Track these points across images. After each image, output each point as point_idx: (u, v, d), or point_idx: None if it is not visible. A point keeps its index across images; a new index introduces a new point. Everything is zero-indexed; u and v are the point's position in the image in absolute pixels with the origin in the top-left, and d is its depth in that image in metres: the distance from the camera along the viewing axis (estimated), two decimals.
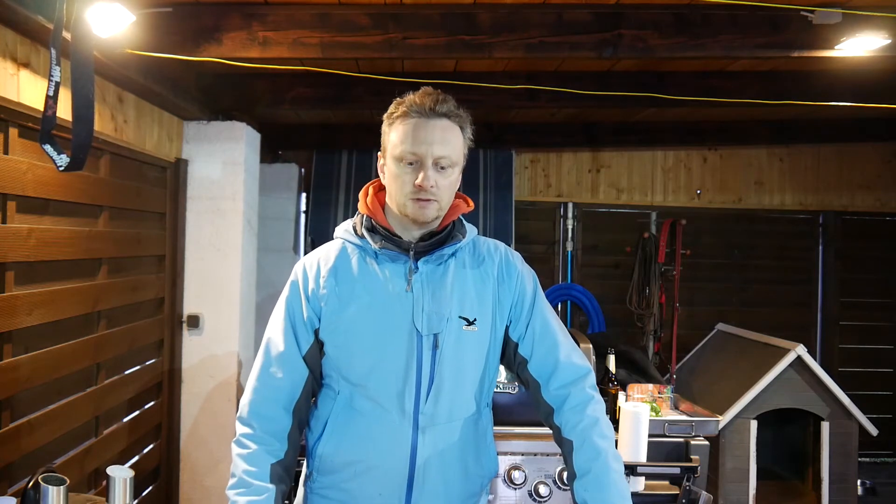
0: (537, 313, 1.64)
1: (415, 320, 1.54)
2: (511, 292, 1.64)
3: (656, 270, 4.61)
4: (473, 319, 1.58)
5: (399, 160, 1.52)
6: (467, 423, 1.62)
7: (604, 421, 1.56)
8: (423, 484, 1.56)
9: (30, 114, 2.15)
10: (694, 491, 2.29)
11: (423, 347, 1.54)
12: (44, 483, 1.65)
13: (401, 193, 1.53)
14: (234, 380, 3.50)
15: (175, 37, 2.56)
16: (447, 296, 1.57)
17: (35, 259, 2.24)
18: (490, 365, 1.65)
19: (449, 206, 1.60)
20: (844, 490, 3.75)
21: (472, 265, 1.63)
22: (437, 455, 1.57)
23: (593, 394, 1.59)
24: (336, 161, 5.21)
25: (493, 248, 1.68)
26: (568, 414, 1.57)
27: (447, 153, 1.51)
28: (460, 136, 1.56)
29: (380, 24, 2.59)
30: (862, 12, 2.49)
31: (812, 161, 5.54)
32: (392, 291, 1.55)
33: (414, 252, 1.57)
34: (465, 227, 1.66)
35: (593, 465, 1.50)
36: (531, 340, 1.63)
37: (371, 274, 1.58)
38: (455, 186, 1.59)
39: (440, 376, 1.55)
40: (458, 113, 1.55)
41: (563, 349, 1.61)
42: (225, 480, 1.52)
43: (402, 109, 1.53)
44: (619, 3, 2.60)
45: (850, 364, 5.51)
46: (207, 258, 3.52)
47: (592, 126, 4.97)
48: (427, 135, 1.50)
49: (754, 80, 3.54)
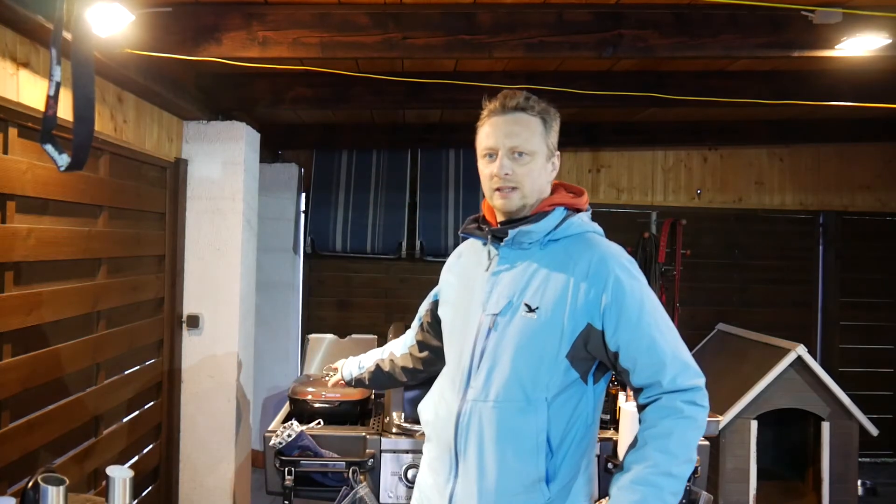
0: (643, 327, 1.54)
1: (483, 301, 1.65)
2: (597, 293, 1.55)
3: (656, 270, 4.61)
4: (535, 307, 1.58)
5: (482, 156, 1.67)
6: (511, 411, 1.57)
7: (679, 437, 1.48)
8: (465, 459, 1.61)
9: (29, 114, 2.14)
10: (694, 491, 2.28)
11: (482, 326, 1.63)
12: (43, 483, 1.65)
13: (487, 187, 1.66)
14: (233, 380, 3.50)
15: (175, 36, 2.56)
16: (519, 281, 1.62)
17: (35, 259, 2.23)
18: (552, 358, 1.57)
19: (535, 194, 1.64)
20: (845, 490, 3.76)
21: (560, 257, 1.61)
22: (475, 431, 1.60)
23: (684, 407, 1.50)
24: (336, 161, 5.22)
25: (594, 246, 1.63)
26: (648, 414, 1.53)
27: (519, 142, 1.60)
28: (537, 125, 1.63)
29: (380, 24, 2.59)
30: (862, 12, 2.48)
31: (812, 161, 5.54)
32: (475, 274, 1.71)
33: (492, 236, 1.67)
34: (561, 219, 1.64)
35: (635, 466, 1.48)
36: (633, 355, 1.54)
37: (469, 260, 1.79)
38: (540, 176, 1.64)
39: (487, 355, 1.61)
40: (533, 105, 1.63)
41: (670, 371, 1.52)
42: (225, 480, 1.53)
43: (482, 114, 1.68)
44: (619, 3, 2.60)
45: (850, 364, 5.51)
46: (207, 258, 3.52)
47: (592, 126, 4.97)
48: (501, 128, 1.62)
49: (754, 80, 3.53)
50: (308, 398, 2.56)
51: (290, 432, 2.45)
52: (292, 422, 2.48)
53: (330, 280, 5.42)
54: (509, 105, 1.62)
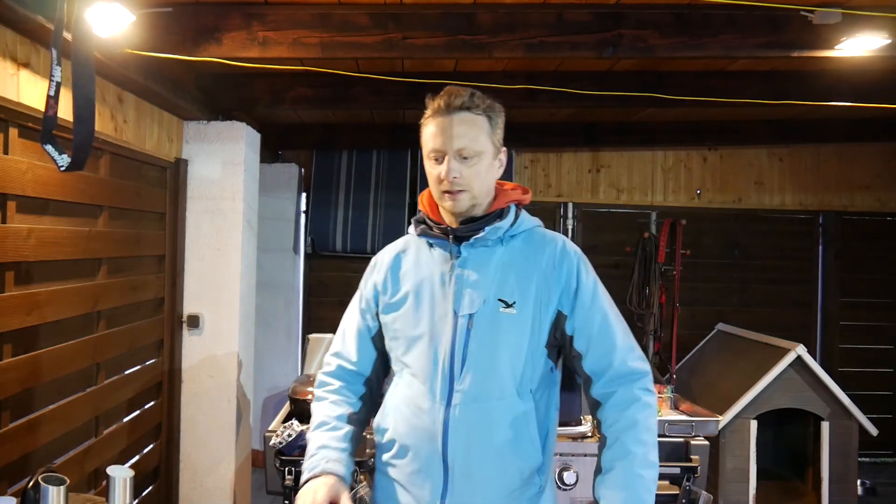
0: (596, 311, 1.62)
1: (454, 302, 1.61)
2: (560, 283, 1.63)
3: (656, 270, 4.61)
4: (512, 302, 1.60)
5: (428, 158, 1.63)
6: (502, 408, 1.59)
7: (644, 425, 1.53)
8: (455, 466, 1.58)
9: (30, 114, 2.15)
10: (694, 491, 2.29)
11: (459, 327, 1.60)
12: (44, 483, 1.65)
13: (435, 188, 1.64)
14: (233, 380, 3.50)
15: (175, 37, 2.56)
16: (489, 279, 1.61)
17: (35, 259, 2.24)
18: (532, 350, 1.62)
19: (485, 194, 1.64)
20: (844, 490, 3.76)
21: (522, 251, 1.65)
22: (467, 434, 1.58)
23: (641, 395, 1.57)
24: (336, 161, 5.22)
25: (550, 239, 1.70)
26: (609, 411, 1.57)
27: (465, 143, 1.58)
28: (483, 123, 1.61)
29: (380, 24, 2.59)
30: (862, 12, 2.49)
31: (812, 161, 5.54)
32: (437, 276, 1.65)
33: (454, 237, 1.64)
34: (516, 216, 1.68)
35: (617, 464, 1.50)
36: (587, 337, 1.61)
37: (422, 261, 1.70)
38: (488, 175, 1.63)
39: (472, 356, 1.59)
40: (476, 103, 1.60)
41: (620, 353, 1.59)
42: (225, 480, 1.53)
43: (427, 113, 1.64)
44: (619, 3, 2.60)
45: (850, 364, 5.51)
46: (207, 258, 3.52)
47: (592, 126, 4.97)
48: (447, 130, 1.59)
49: (754, 80, 3.54)
50: (308, 398, 2.56)
51: (290, 432, 2.45)
52: (292, 422, 2.49)
53: (330, 280, 5.42)
54: (455, 104, 1.59)
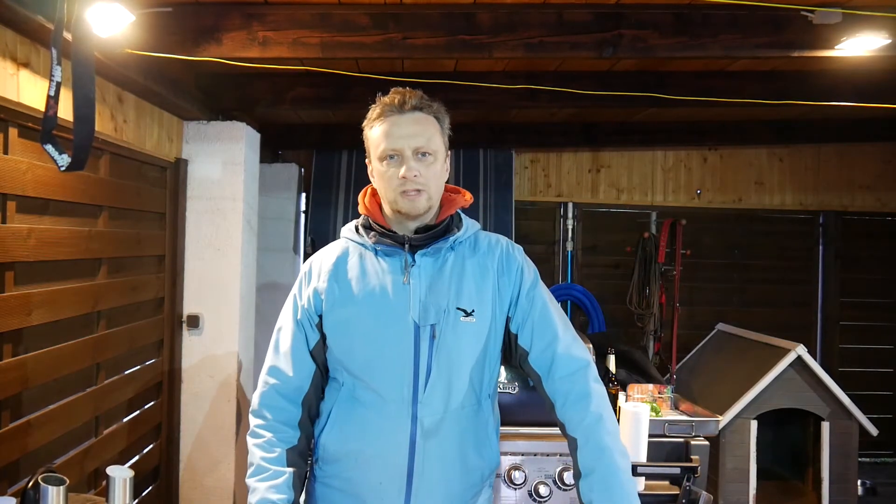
0: (537, 305, 1.64)
1: (412, 312, 1.57)
2: (511, 284, 1.65)
3: (656, 270, 4.61)
4: (471, 311, 1.59)
5: (382, 158, 1.60)
6: (467, 414, 1.62)
7: (608, 416, 1.54)
8: (423, 474, 1.57)
9: (30, 114, 2.14)
10: (694, 491, 2.29)
11: (421, 338, 1.57)
12: (44, 483, 1.65)
13: (389, 189, 1.59)
14: (233, 380, 3.50)
15: (175, 37, 2.56)
16: (445, 287, 1.59)
17: (35, 259, 2.23)
18: (490, 356, 1.65)
19: (439, 196, 1.64)
20: (844, 490, 3.75)
21: (471, 258, 1.65)
22: (436, 445, 1.58)
23: (595, 386, 1.58)
24: (336, 161, 5.22)
25: (495, 242, 1.70)
26: (570, 410, 1.56)
27: (423, 142, 1.58)
28: (436, 125, 1.62)
29: (380, 24, 2.59)
30: (862, 12, 2.49)
31: (812, 161, 5.54)
32: (390, 285, 1.60)
33: (410, 245, 1.61)
34: (463, 221, 1.69)
35: (597, 464, 1.49)
36: (530, 332, 1.63)
37: (370, 269, 1.63)
38: (441, 177, 1.63)
39: (438, 367, 1.57)
40: (430, 104, 1.62)
41: (562, 342, 1.61)
42: (225, 480, 1.53)
43: (376, 112, 1.63)
44: (619, 3, 2.60)
45: (850, 364, 5.51)
46: (207, 258, 3.52)
47: (592, 126, 4.96)
48: (402, 129, 1.58)
49: (754, 80, 3.53)
50: None
51: None
52: None
53: None
54: (410, 104, 1.59)
